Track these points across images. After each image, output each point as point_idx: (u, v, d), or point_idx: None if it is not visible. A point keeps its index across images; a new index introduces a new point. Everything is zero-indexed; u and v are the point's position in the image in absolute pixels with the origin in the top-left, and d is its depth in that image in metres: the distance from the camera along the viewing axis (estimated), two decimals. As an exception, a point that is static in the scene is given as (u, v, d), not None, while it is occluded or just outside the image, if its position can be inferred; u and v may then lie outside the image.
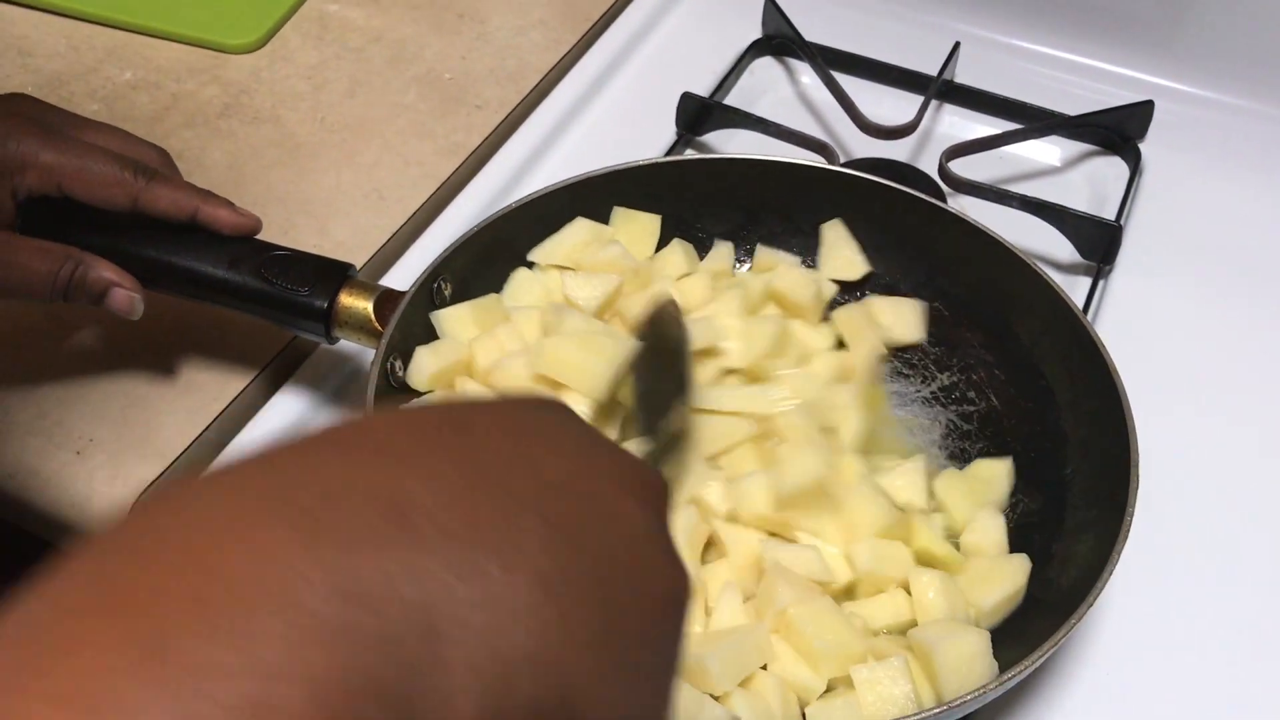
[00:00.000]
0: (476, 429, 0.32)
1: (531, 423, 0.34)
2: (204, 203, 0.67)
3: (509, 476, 0.30)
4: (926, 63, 1.00)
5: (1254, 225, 0.93)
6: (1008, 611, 0.63)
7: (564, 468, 0.32)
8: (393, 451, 0.29)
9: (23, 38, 0.99)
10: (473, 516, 0.28)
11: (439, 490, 0.28)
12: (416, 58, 1.00)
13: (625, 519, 0.32)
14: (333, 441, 0.29)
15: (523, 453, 0.31)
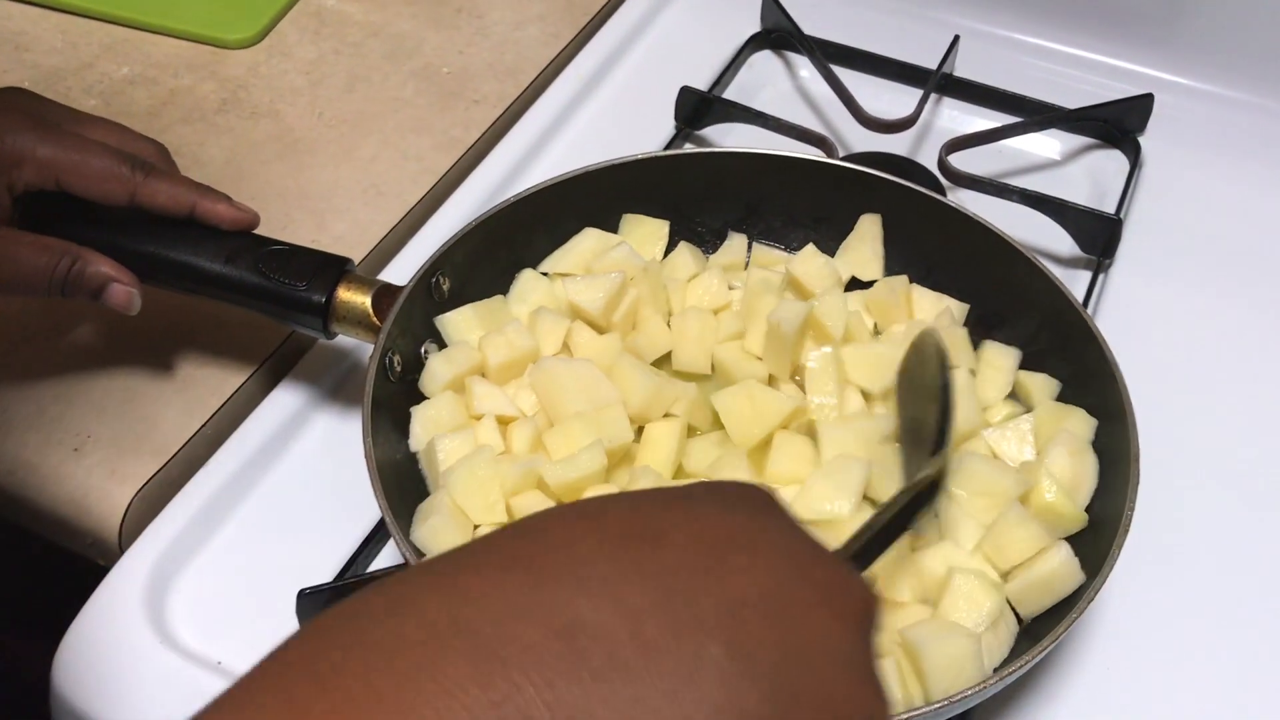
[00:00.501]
0: (667, 540, 0.31)
1: (728, 527, 0.32)
2: (202, 198, 0.67)
3: (693, 593, 0.29)
4: (926, 56, 1.00)
5: (1254, 218, 0.92)
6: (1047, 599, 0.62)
7: (760, 582, 0.31)
8: (567, 566, 0.29)
9: (20, 33, 0.98)
10: (648, 640, 0.28)
11: (612, 611, 0.28)
12: (415, 52, 1.00)
13: (821, 641, 0.31)
14: (505, 556, 0.29)
15: (716, 566, 0.30)
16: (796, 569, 0.32)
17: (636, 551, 0.30)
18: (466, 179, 0.91)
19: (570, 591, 0.28)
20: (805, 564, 0.33)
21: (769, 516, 0.34)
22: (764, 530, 0.33)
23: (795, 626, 0.31)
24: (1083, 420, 0.68)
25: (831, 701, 0.30)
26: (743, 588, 0.30)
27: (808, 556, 0.33)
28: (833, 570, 0.33)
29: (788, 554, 0.33)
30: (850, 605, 0.33)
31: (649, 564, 0.30)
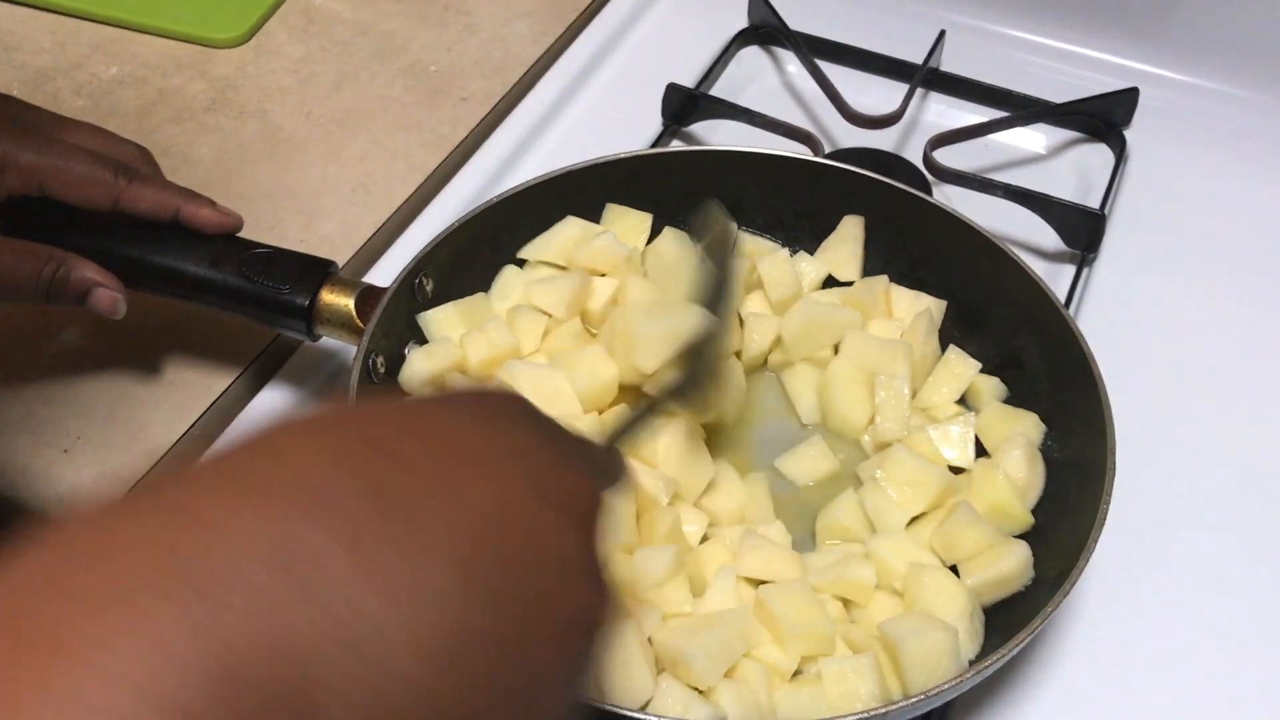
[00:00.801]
0: (403, 458, 0.32)
1: (469, 440, 0.34)
2: (185, 202, 0.67)
3: (421, 509, 0.30)
4: (912, 51, 1.00)
5: (1239, 211, 0.93)
6: (1004, 591, 0.64)
7: (491, 491, 0.32)
8: (296, 489, 0.29)
9: (8, 33, 0.99)
10: (371, 561, 0.28)
11: (335, 533, 0.28)
12: (403, 50, 1.00)
13: (547, 548, 0.33)
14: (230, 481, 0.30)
15: (445, 477, 0.32)
16: (531, 480, 0.34)
17: (369, 469, 0.31)
18: (454, 177, 0.91)
19: (295, 521, 0.28)
20: (541, 474, 0.35)
21: (515, 425, 0.36)
22: (505, 442, 0.35)
23: (521, 536, 0.32)
24: (1033, 425, 0.69)
25: (555, 607, 0.33)
26: (474, 504, 0.32)
27: (545, 465, 0.35)
28: (567, 477, 0.36)
29: (525, 464, 0.34)
30: (577, 509, 0.35)
31: (383, 483, 0.30)
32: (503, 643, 0.31)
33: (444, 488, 0.32)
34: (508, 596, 0.31)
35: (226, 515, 0.28)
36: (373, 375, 0.67)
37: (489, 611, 0.30)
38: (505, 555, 0.32)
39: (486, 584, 0.31)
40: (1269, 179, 0.95)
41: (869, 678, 0.57)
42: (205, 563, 0.27)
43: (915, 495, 0.66)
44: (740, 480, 0.68)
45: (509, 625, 0.31)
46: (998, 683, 0.65)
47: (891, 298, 0.77)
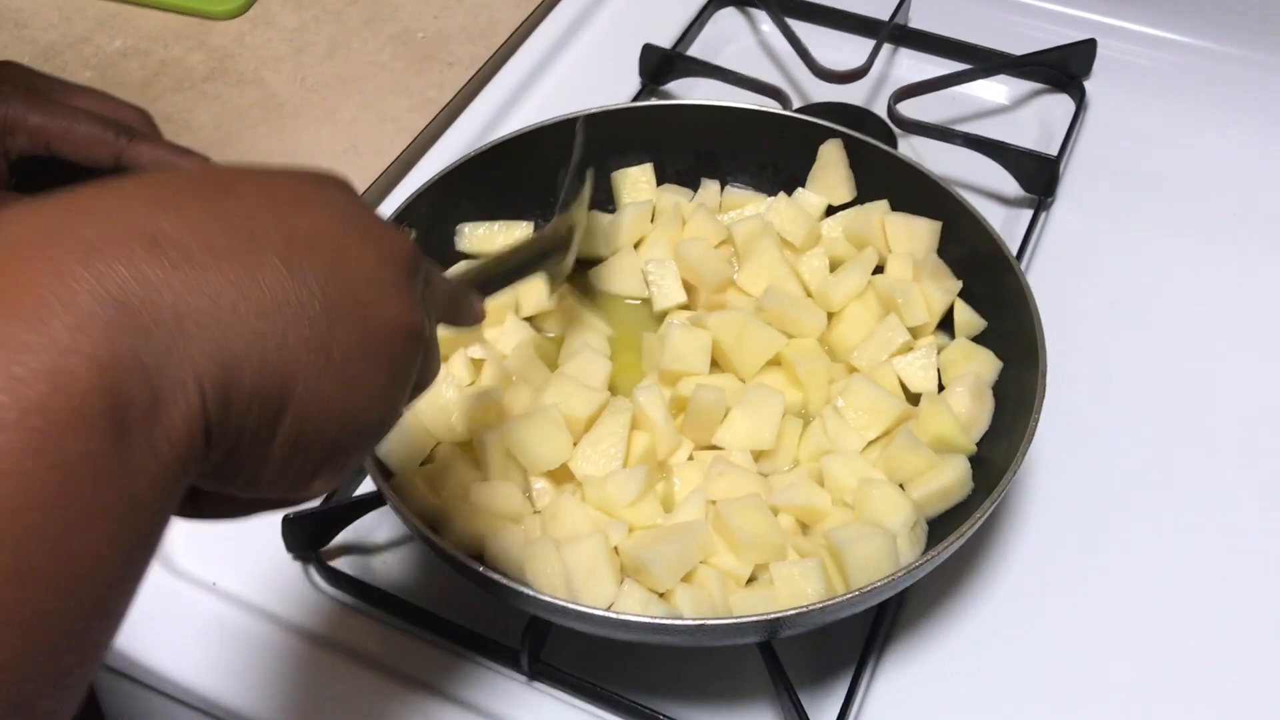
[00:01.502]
0: (243, 190, 0.39)
1: (296, 190, 0.41)
2: (182, 159, 0.72)
3: (257, 224, 0.38)
4: (880, 9, 1.04)
5: (1193, 156, 0.97)
6: (946, 503, 0.69)
7: (313, 224, 0.39)
8: (163, 200, 0.37)
9: (19, 10, 1.04)
10: (216, 248, 0.36)
11: (191, 229, 0.36)
12: (392, 18, 1.05)
13: (360, 265, 0.40)
14: (106, 191, 0.37)
15: (277, 209, 0.39)
16: (348, 222, 0.41)
17: (214, 195, 0.38)
18: (441, 138, 0.96)
19: (157, 216, 0.36)
20: (358, 220, 0.41)
21: (337, 190, 0.43)
22: (327, 195, 0.41)
23: (341, 256, 0.39)
24: (989, 362, 0.73)
25: (366, 308, 0.40)
26: (300, 226, 0.39)
27: (360, 212, 0.42)
28: (382, 227, 0.42)
29: (344, 213, 0.41)
30: (392, 249, 0.42)
31: (223, 204, 0.38)
32: (319, 324, 0.38)
33: (272, 215, 0.38)
34: (329, 295, 0.38)
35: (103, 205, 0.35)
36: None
37: (306, 296, 0.37)
38: (323, 263, 0.38)
39: (305, 279, 0.37)
40: (1222, 124, 0.98)
41: (815, 579, 0.62)
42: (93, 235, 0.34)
43: (871, 421, 0.71)
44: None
45: (324, 312, 0.38)
46: (949, 586, 0.71)
47: (888, 224, 0.81)
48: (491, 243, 0.81)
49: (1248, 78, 1.01)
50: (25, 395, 0.30)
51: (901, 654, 0.68)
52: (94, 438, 0.31)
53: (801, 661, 0.67)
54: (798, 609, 0.58)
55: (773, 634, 0.61)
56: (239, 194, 0.39)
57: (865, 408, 0.71)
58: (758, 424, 0.69)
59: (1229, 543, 0.73)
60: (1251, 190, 0.94)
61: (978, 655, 0.68)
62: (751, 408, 0.70)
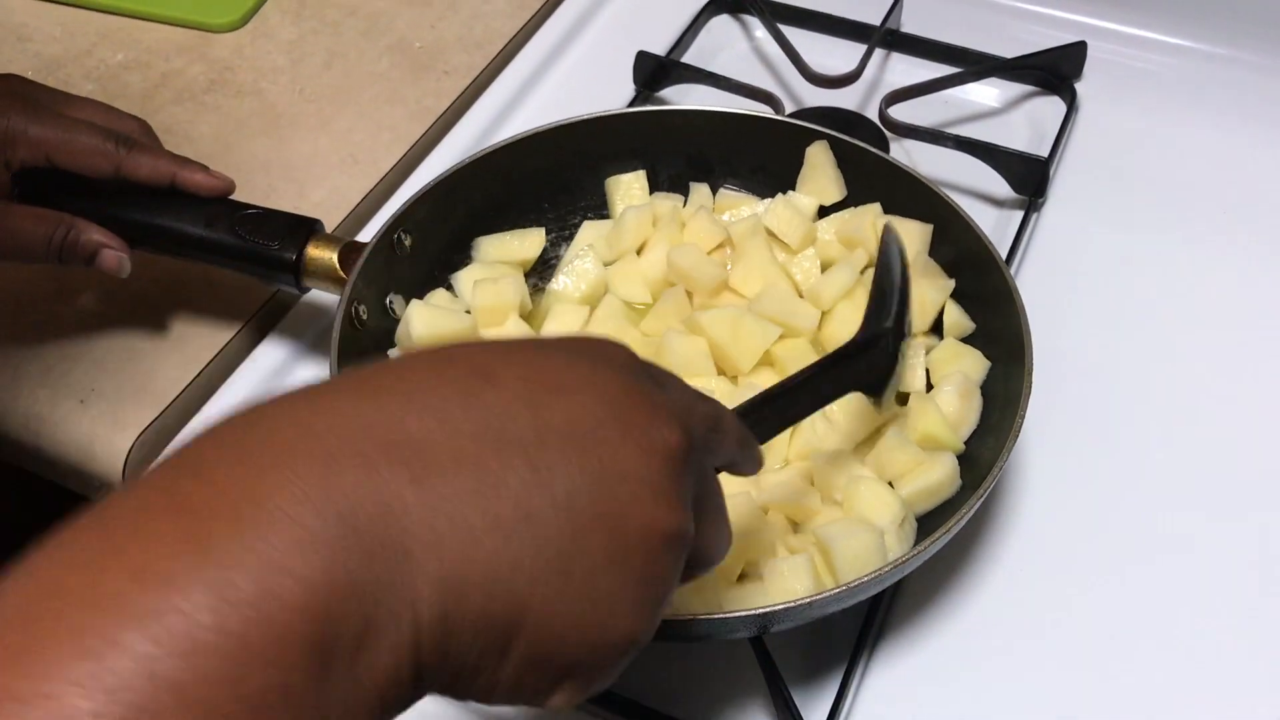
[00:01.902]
0: (499, 376, 0.37)
1: (561, 373, 0.38)
2: (180, 168, 0.74)
3: (510, 420, 0.36)
4: (872, 14, 1.05)
5: (1184, 157, 0.97)
6: (935, 500, 0.69)
7: (571, 413, 0.37)
8: (417, 393, 0.35)
9: (22, 24, 1.06)
10: (462, 455, 0.34)
11: (442, 430, 0.34)
12: (389, 29, 1.06)
13: (618, 462, 0.37)
14: (359, 383, 0.36)
15: (535, 399, 0.37)
16: (612, 410, 0.38)
17: (469, 385, 0.36)
18: (437, 146, 0.97)
19: (403, 412, 0.34)
20: (623, 407, 0.38)
21: (609, 367, 0.40)
22: (594, 377, 0.39)
23: (598, 454, 0.36)
24: (977, 362, 0.74)
25: (617, 511, 0.36)
26: (555, 420, 0.36)
27: (630, 401, 0.39)
28: (646, 411, 0.39)
29: (609, 399, 0.38)
30: (657, 441, 0.38)
31: (478, 396, 0.36)
32: (563, 532, 0.35)
33: (530, 403, 0.36)
34: (569, 495, 0.35)
35: (351, 403, 0.35)
36: (355, 322, 0.73)
37: (551, 501, 0.35)
38: (574, 462, 0.36)
39: (552, 481, 0.35)
40: (1212, 125, 0.99)
41: (804, 575, 0.63)
42: (331, 434, 0.33)
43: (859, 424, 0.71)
44: None
45: (570, 518, 0.35)
46: (941, 582, 0.72)
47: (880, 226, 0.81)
48: (507, 252, 0.82)
49: (1237, 78, 1.02)
50: (229, 619, 0.29)
51: (893, 650, 0.69)
52: (293, 669, 0.29)
53: (794, 658, 0.68)
54: (787, 603, 0.59)
55: (763, 629, 0.62)
56: (500, 382, 0.37)
57: (852, 410, 0.72)
58: None
59: (1218, 535, 0.74)
60: (1241, 191, 0.95)
61: (969, 650, 0.69)
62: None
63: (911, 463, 0.69)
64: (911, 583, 0.71)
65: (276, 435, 0.33)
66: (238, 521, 0.30)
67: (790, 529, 0.68)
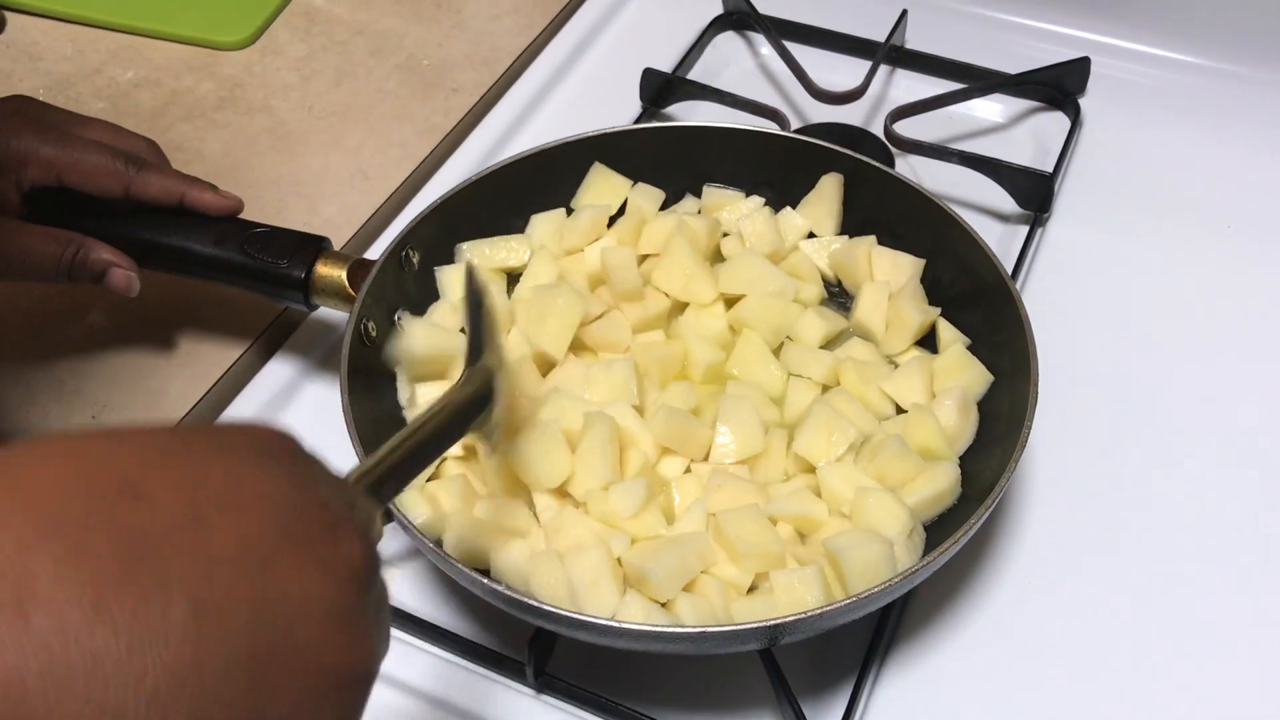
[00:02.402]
0: (153, 496, 0.31)
1: (224, 479, 0.33)
2: (189, 187, 0.74)
3: (167, 546, 0.30)
4: (877, 30, 1.06)
5: (1186, 171, 0.98)
6: (938, 508, 0.70)
7: (243, 537, 0.32)
8: (43, 517, 0.29)
9: (33, 43, 1.06)
10: (109, 611, 0.28)
11: (75, 567, 0.28)
12: (397, 47, 1.07)
13: (299, 593, 0.32)
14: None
15: (197, 522, 0.31)
16: (283, 524, 0.33)
17: (116, 509, 0.30)
18: (446, 162, 0.98)
19: (32, 555, 0.28)
20: (295, 518, 0.33)
21: (275, 466, 0.35)
22: (261, 482, 0.34)
23: (272, 581, 0.32)
24: (979, 375, 0.75)
25: (305, 651, 0.32)
26: (221, 544, 0.31)
27: (302, 511, 0.34)
28: (324, 524, 0.34)
29: (279, 507, 0.33)
30: (337, 557, 0.34)
31: (127, 523, 0.30)
32: (242, 687, 0.30)
33: (188, 530, 0.31)
34: (249, 640, 0.30)
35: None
36: (364, 339, 0.74)
37: (226, 654, 0.30)
38: (248, 599, 0.31)
39: (224, 626, 0.30)
40: (1215, 139, 1.00)
41: (815, 586, 0.63)
42: None
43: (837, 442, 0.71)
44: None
45: (249, 669, 0.30)
46: (950, 593, 0.72)
47: (873, 256, 0.82)
48: (490, 260, 0.82)
49: (1240, 93, 1.03)
50: None
51: (904, 661, 0.69)
52: None
53: (804, 670, 0.68)
54: (797, 615, 0.59)
55: (773, 641, 0.62)
56: (154, 499, 0.31)
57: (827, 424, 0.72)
58: (744, 433, 0.71)
59: (1223, 547, 0.74)
60: (1244, 204, 0.95)
61: (979, 661, 0.69)
62: (731, 420, 0.72)
63: (913, 472, 0.69)
64: (921, 594, 0.72)
65: None
66: None
67: (798, 540, 0.69)
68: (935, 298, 0.80)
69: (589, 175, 0.86)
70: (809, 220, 0.85)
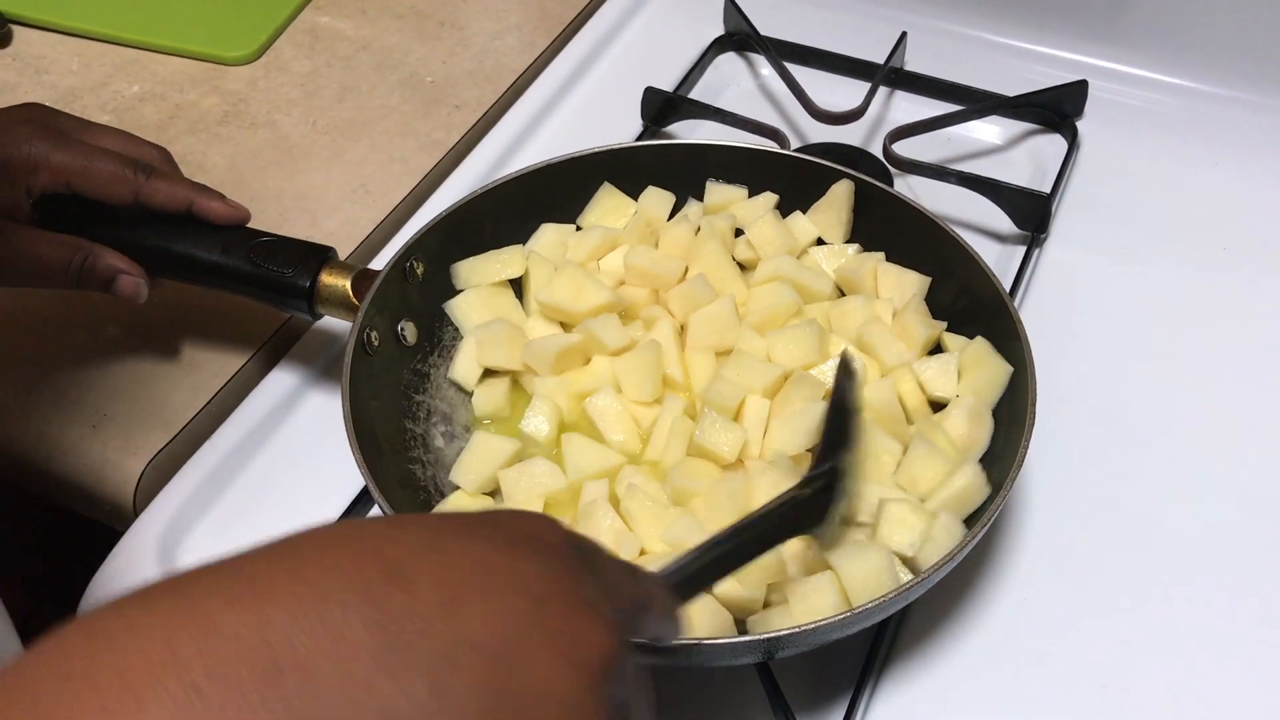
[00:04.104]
0: (413, 577, 0.32)
1: (482, 566, 0.34)
2: (198, 195, 0.75)
3: (420, 640, 0.31)
4: (876, 52, 1.07)
5: (1182, 194, 0.99)
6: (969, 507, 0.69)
7: (492, 623, 0.33)
8: (297, 599, 0.31)
9: (39, 57, 1.07)
10: (356, 683, 0.30)
11: (330, 649, 0.30)
12: (401, 63, 1.08)
13: (540, 685, 0.33)
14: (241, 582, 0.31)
15: (450, 602, 0.32)
16: (534, 614, 0.34)
17: (375, 592, 0.32)
18: (448, 178, 0.98)
19: (293, 628, 0.30)
20: (547, 609, 0.34)
21: (536, 557, 0.36)
22: (519, 573, 0.35)
23: (514, 671, 0.32)
24: (1000, 370, 0.74)
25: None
26: (469, 631, 0.32)
27: (557, 602, 0.35)
28: (574, 618, 0.35)
29: (533, 597, 0.34)
30: (582, 652, 0.34)
31: (384, 606, 0.31)
32: None
33: (441, 616, 0.32)
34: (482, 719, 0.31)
35: (231, 615, 0.30)
36: (366, 349, 0.74)
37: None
38: (488, 681, 0.32)
39: (461, 707, 0.31)
40: (1211, 162, 1.01)
41: (829, 593, 0.63)
42: (200, 660, 0.29)
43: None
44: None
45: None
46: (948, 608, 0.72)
47: (879, 273, 0.83)
48: (486, 275, 0.83)
49: (1236, 117, 1.04)
50: None
51: (900, 675, 0.70)
52: None
53: (800, 683, 0.68)
54: (793, 629, 0.59)
55: (770, 655, 0.62)
56: (413, 584, 0.32)
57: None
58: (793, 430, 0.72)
59: (1223, 566, 0.75)
60: (1241, 228, 0.96)
61: (976, 676, 0.70)
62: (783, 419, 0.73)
63: (942, 473, 0.69)
64: (918, 608, 0.72)
65: (132, 661, 0.29)
66: None
67: (806, 547, 0.69)
68: (934, 317, 0.81)
69: (597, 194, 0.86)
70: (817, 226, 0.86)
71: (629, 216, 0.86)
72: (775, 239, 0.83)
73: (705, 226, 0.83)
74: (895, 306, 0.80)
